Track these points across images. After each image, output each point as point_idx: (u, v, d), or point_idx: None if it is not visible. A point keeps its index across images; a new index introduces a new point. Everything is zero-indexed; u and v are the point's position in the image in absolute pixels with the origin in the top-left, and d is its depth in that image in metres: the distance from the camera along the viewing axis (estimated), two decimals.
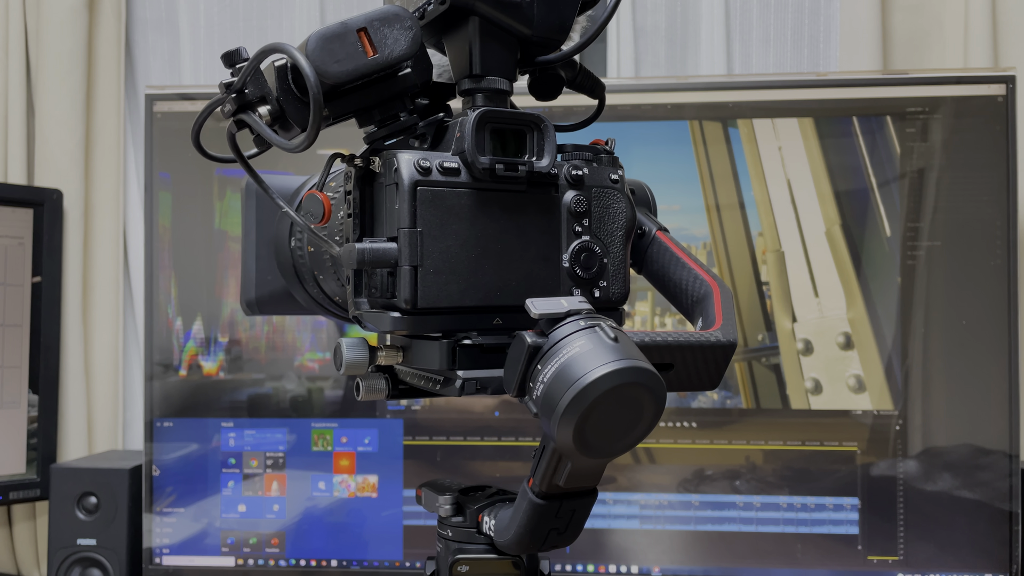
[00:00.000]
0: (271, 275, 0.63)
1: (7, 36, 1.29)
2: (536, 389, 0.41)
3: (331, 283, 0.56)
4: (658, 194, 0.64)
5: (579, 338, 0.41)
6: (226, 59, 0.47)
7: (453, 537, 0.53)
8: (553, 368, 0.41)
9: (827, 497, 1.05)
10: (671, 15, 1.32)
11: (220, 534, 1.11)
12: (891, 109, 1.04)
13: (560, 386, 0.40)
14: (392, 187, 0.46)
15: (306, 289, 0.61)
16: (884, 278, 1.05)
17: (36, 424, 1.22)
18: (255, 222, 0.64)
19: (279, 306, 0.65)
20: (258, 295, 0.64)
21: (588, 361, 0.40)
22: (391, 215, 0.47)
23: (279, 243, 0.62)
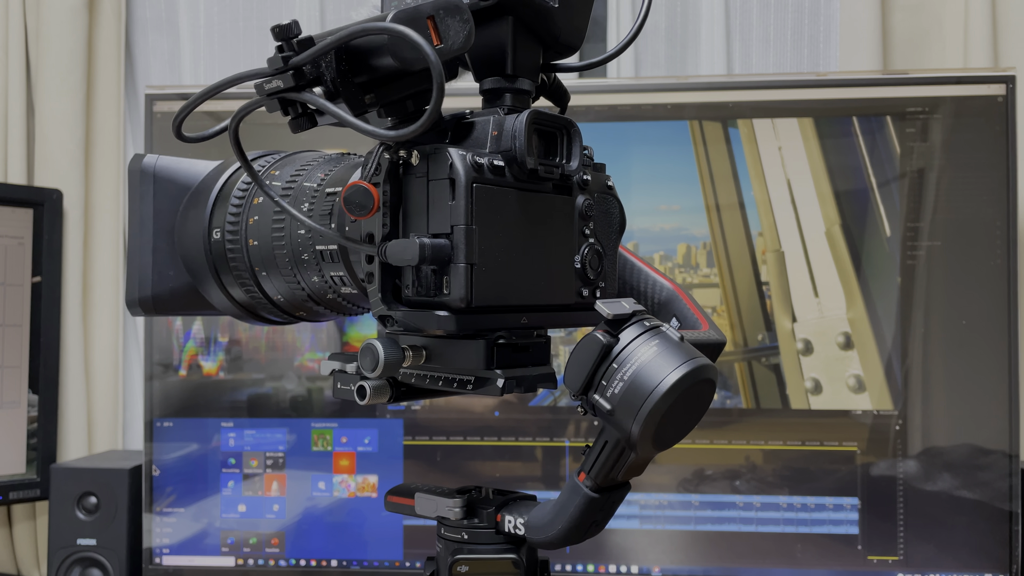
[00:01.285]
0: (173, 270, 0.59)
1: (7, 36, 1.29)
2: (611, 387, 0.45)
3: (278, 281, 0.55)
4: (658, 194, 0.64)
5: (652, 339, 0.46)
6: (281, 32, 0.43)
7: (469, 539, 0.52)
8: (633, 368, 0.45)
9: (827, 497, 1.05)
10: (671, 15, 1.32)
11: (220, 534, 1.11)
12: (891, 109, 1.04)
13: (644, 385, 0.44)
14: (443, 182, 0.45)
15: (225, 288, 0.58)
16: (884, 278, 1.05)
17: (36, 424, 1.23)
18: (152, 210, 0.59)
19: (180, 306, 0.60)
20: (156, 293, 0.59)
21: (668, 362, 0.45)
22: (439, 211, 0.46)
23: (186, 235, 0.58)
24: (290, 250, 0.53)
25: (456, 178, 0.45)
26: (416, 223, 0.47)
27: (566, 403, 1.08)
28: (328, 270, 0.52)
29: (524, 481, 1.08)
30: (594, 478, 0.48)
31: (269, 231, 0.54)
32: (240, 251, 0.56)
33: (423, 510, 0.54)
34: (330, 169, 0.54)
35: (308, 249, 0.53)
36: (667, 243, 1.07)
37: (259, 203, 0.56)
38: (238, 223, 0.56)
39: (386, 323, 0.48)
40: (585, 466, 0.48)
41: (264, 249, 0.55)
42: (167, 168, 0.61)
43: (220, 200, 0.57)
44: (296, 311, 0.57)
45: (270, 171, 0.58)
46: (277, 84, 0.44)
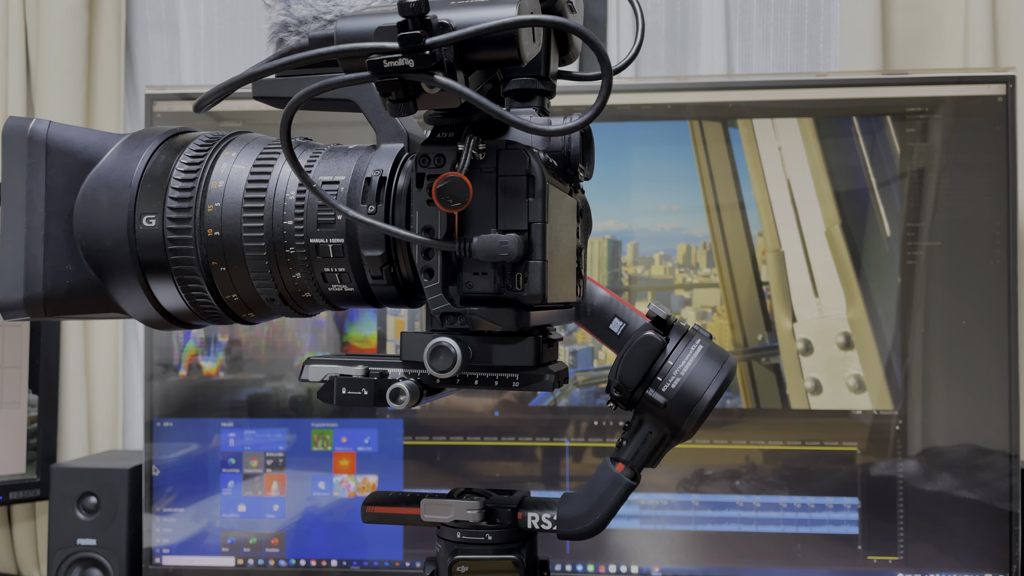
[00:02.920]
0: (71, 264, 0.50)
1: (7, 36, 1.29)
2: (668, 383, 0.50)
3: (242, 278, 0.50)
4: (658, 194, 0.65)
5: (695, 339, 0.52)
6: (413, 8, 0.40)
7: (470, 540, 0.52)
8: (688, 365, 0.51)
9: (827, 497, 1.05)
10: (671, 15, 1.32)
11: (220, 534, 1.11)
12: (891, 109, 1.04)
13: (700, 382, 0.50)
14: (519, 179, 0.46)
15: (149, 288, 0.51)
16: (884, 278, 1.05)
17: (36, 424, 1.23)
18: (44, 190, 0.50)
19: (78, 308, 0.51)
20: (49, 292, 0.49)
21: (716, 360, 0.52)
22: (514, 207, 0.46)
23: (94, 222, 0.50)
24: (270, 243, 0.50)
25: (535, 175, 0.46)
26: (482, 219, 0.46)
27: (566, 403, 1.08)
28: (321, 266, 0.50)
29: (524, 481, 1.08)
30: (635, 468, 0.52)
31: (239, 220, 0.50)
32: (189, 243, 0.50)
33: (434, 514, 0.52)
34: (315, 155, 0.52)
35: (295, 242, 0.50)
36: (667, 243, 1.07)
37: (219, 187, 0.50)
38: (187, 210, 0.50)
39: (445, 320, 0.47)
40: (623, 456, 0.52)
41: (230, 240, 0.50)
42: (63, 137, 0.51)
43: (151, 181, 0.50)
44: (244, 312, 0.53)
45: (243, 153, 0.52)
46: (405, 63, 0.40)
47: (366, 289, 0.50)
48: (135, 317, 0.52)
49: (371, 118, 0.52)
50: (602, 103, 0.41)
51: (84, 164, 0.51)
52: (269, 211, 0.50)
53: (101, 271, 0.50)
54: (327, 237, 0.49)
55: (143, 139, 0.52)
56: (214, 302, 0.51)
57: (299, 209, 0.50)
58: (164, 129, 0.52)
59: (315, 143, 0.53)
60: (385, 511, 0.53)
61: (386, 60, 0.40)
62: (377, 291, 0.50)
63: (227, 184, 0.50)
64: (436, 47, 0.40)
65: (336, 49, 0.41)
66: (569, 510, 0.52)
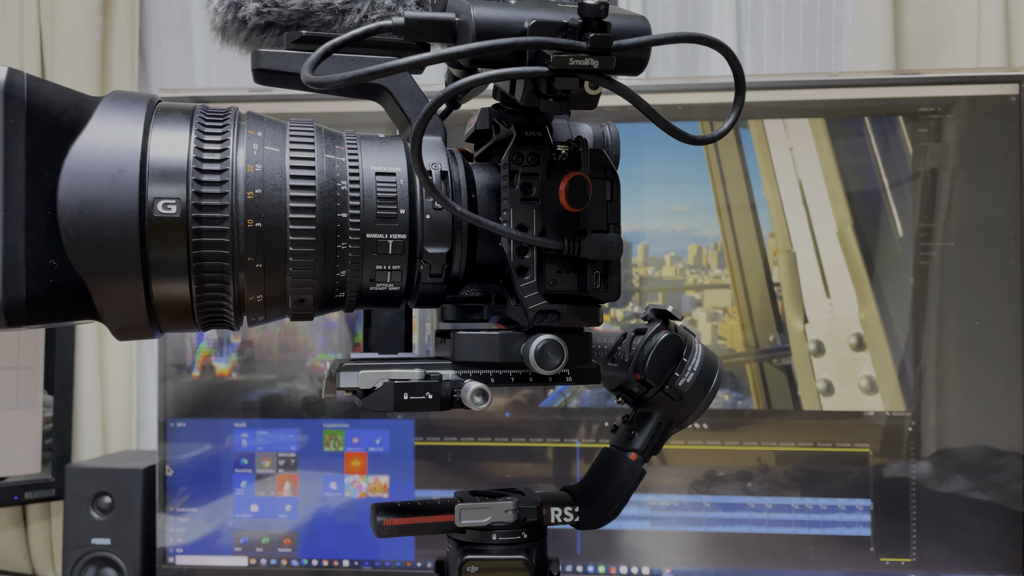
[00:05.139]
0: (55, 259, 0.40)
1: (22, 40, 1.30)
2: (684, 377, 0.54)
3: (277, 275, 0.44)
4: (669, 195, 0.67)
5: (689, 333, 0.56)
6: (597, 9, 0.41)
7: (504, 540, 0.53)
8: (697, 359, 0.55)
9: (839, 499, 1.04)
10: (681, 15, 1.32)
11: (233, 534, 1.12)
12: (903, 109, 1.04)
13: (709, 373, 0.55)
14: (602, 182, 0.48)
15: (150, 287, 0.42)
16: (896, 279, 1.04)
17: (51, 424, 1.24)
18: (24, 161, 0.38)
19: (59, 314, 0.42)
20: (32, 294, 0.39)
21: (711, 351, 0.56)
22: (596, 208, 0.48)
23: (89, 207, 0.40)
24: (320, 237, 0.45)
25: (614, 179, 0.48)
26: (570, 218, 0.48)
27: (577, 404, 1.08)
28: (374, 263, 0.46)
29: (536, 482, 1.09)
30: (647, 456, 0.56)
31: (284, 211, 0.44)
32: (224, 235, 0.43)
33: (471, 519, 0.51)
34: (352, 144, 0.48)
35: (349, 237, 0.45)
36: (678, 244, 1.07)
37: (257, 171, 0.44)
38: (223, 196, 0.43)
39: (543, 318, 0.48)
40: (636, 446, 0.56)
41: (272, 233, 0.44)
42: (44, 96, 0.40)
43: (163, 159, 0.42)
44: (255, 315, 0.47)
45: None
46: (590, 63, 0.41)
47: (410, 288, 0.49)
48: (111, 323, 0.43)
49: (404, 108, 0.50)
50: (736, 117, 0.45)
51: (65, 131, 0.41)
52: (321, 201, 0.45)
53: (89, 266, 0.41)
54: (387, 232, 0.46)
55: (126, 105, 0.43)
56: (230, 304, 0.45)
57: (355, 201, 0.46)
58: (143, 95, 0.45)
59: (334, 130, 0.50)
60: (403, 523, 0.52)
61: (572, 58, 0.41)
62: (425, 290, 0.49)
63: (265, 168, 0.44)
64: (621, 50, 0.41)
65: (522, 41, 0.41)
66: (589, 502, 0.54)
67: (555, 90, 0.42)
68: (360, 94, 0.52)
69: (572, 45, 0.41)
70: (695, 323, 1.08)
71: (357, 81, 0.41)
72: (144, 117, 0.43)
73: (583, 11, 0.41)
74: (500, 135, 0.51)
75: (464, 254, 0.49)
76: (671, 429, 0.57)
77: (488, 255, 0.49)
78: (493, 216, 0.49)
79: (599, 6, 0.41)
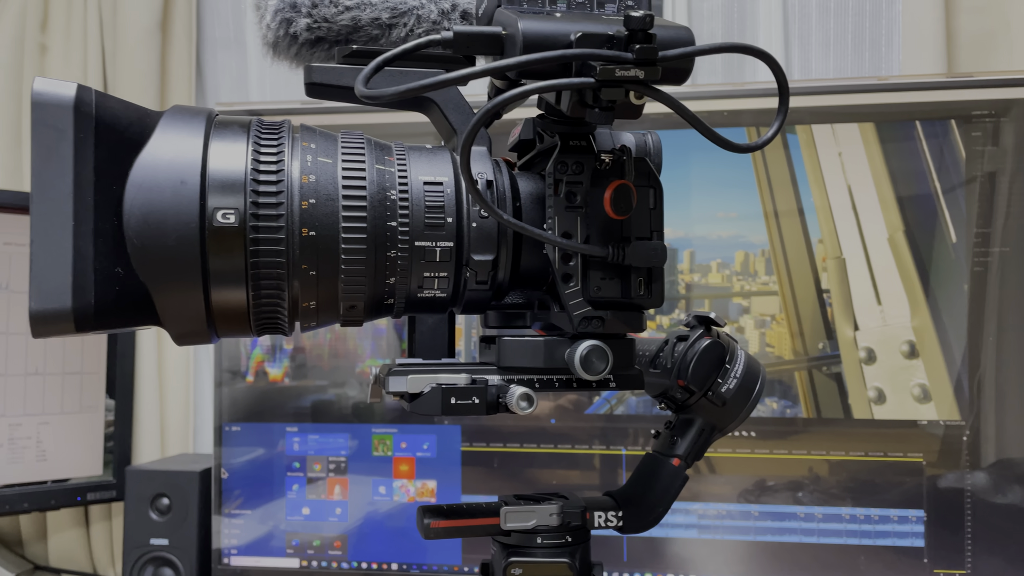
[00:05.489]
0: (120, 267, 0.42)
1: (85, 57, 1.36)
2: (727, 383, 0.55)
3: (328, 282, 0.45)
4: (715, 201, 0.67)
5: (731, 339, 0.56)
6: (642, 22, 0.42)
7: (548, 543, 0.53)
8: (739, 365, 0.55)
9: (891, 509, 1.02)
10: (727, 21, 1.31)
11: (285, 536, 1.14)
12: (956, 113, 1.02)
13: (751, 379, 0.55)
14: (646, 190, 0.49)
15: (209, 295, 0.44)
16: (950, 285, 1.02)
17: (112, 428, 1.28)
18: (93, 173, 0.40)
19: (125, 320, 0.43)
20: (100, 300, 0.40)
21: (753, 360, 0.56)
22: (640, 216, 0.49)
23: (156, 218, 0.42)
24: (371, 245, 0.46)
25: (657, 187, 0.49)
26: (613, 225, 0.49)
27: (623, 411, 1.08)
28: (422, 271, 0.48)
29: (581, 489, 1.09)
30: (690, 462, 0.56)
31: (337, 220, 0.45)
32: (280, 244, 0.44)
33: (516, 523, 0.52)
34: (401, 154, 0.50)
35: (399, 245, 0.47)
36: (725, 251, 1.07)
37: (311, 182, 0.46)
38: (279, 206, 0.44)
39: (588, 324, 0.48)
40: (679, 452, 0.56)
41: (326, 242, 0.45)
42: (110, 111, 0.42)
43: (221, 170, 0.44)
44: (310, 321, 0.48)
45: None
46: (636, 73, 0.42)
47: (456, 295, 0.50)
48: (172, 328, 0.44)
49: (451, 119, 0.52)
50: (779, 125, 0.45)
51: (130, 144, 0.43)
52: (372, 211, 0.46)
53: (152, 273, 0.42)
54: (435, 240, 0.47)
55: (186, 119, 0.45)
56: (285, 310, 0.46)
57: (403, 210, 0.47)
58: (202, 109, 0.47)
59: (383, 141, 0.51)
60: (449, 525, 0.52)
61: (618, 69, 0.41)
62: (471, 296, 0.50)
63: (318, 179, 0.46)
64: (666, 61, 0.42)
65: (569, 53, 0.42)
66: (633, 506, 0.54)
67: (601, 100, 0.43)
68: (409, 106, 0.53)
69: (618, 56, 0.42)
70: (742, 330, 1.07)
71: (409, 94, 0.42)
72: (203, 130, 0.45)
73: (629, 23, 0.42)
74: (544, 144, 0.51)
75: (509, 261, 0.50)
76: (714, 435, 0.57)
77: (532, 262, 0.50)
78: (537, 224, 0.49)
79: (644, 18, 0.42)
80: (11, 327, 1.18)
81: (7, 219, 1.17)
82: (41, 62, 1.36)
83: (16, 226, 1.18)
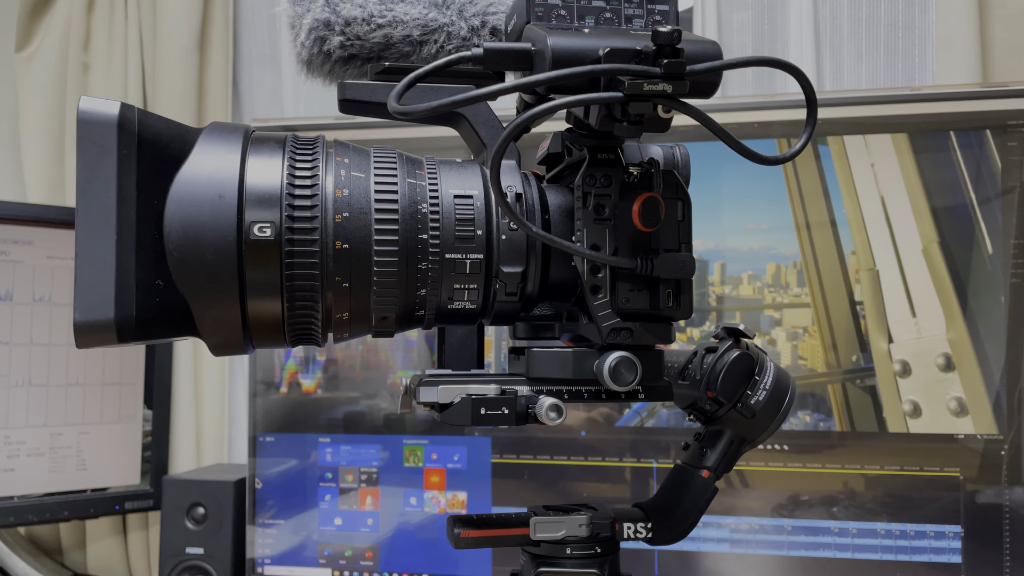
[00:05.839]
0: (161, 279, 0.43)
1: (126, 75, 1.39)
2: (756, 395, 0.54)
3: (361, 294, 0.46)
4: (746, 213, 0.67)
5: (759, 351, 0.56)
6: (671, 37, 0.42)
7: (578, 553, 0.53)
8: (769, 377, 0.55)
9: (927, 524, 1.01)
10: (758, 33, 1.31)
11: (318, 546, 1.15)
12: (991, 123, 1.01)
13: (781, 391, 0.55)
14: (674, 202, 0.50)
15: (245, 306, 0.45)
16: (987, 297, 1.01)
17: (150, 437, 1.30)
18: (135, 188, 0.42)
19: (165, 331, 0.44)
20: (140, 312, 0.42)
21: (783, 372, 0.56)
22: (668, 228, 0.49)
23: (192, 229, 0.43)
24: (403, 257, 0.47)
25: (685, 199, 0.50)
26: (641, 238, 0.49)
27: (653, 423, 1.08)
28: (452, 283, 0.48)
29: (612, 502, 1.08)
30: (719, 474, 0.56)
31: (370, 233, 0.46)
32: (314, 256, 0.45)
33: (545, 532, 0.52)
34: (432, 168, 0.50)
35: (429, 258, 0.48)
36: (756, 263, 1.06)
37: (345, 196, 0.46)
38: (313, 219, 0.45)
39: (616, 336, 0.49)
40: (709, 464, 0.55)
41: (359, 254, 0.46)
42: (153, 128, 0.44)
43: (258, 185, 0.45)
44: (343, 332, 0.49)
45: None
46: (664, 87, 0.42)
47: (486, 307, 0.50)
48: (209, 339, 0.45)
49: (481, 133, 0.53)
50: (807, 138, 0.45)
51: (170, 160, 0.44)
52: (403, 224, 0.47)
53: (191, 285, 0.43)
54: (465, 253, 0.48)
55: (224, 135, 0.46)
56: (318, 321, 0.47)
57: (434, 223, 0.48)
58: (239, 125, 0.48)
59: (414, 156, 0.52)
60: (479, 535, 0.53)
61: (647, 84, 0.42)
62: (501, 308, 0.50)
63: (351, 193, 0.47)
64: (694, 76, 0.43)
65: (598, 68, 0.42)
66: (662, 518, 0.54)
67: (629, 114, 0.43)
68: (440, 121, 0.54)
69: (647, 71, 0.42)
70: (774, 342, 1.06)
71: (441, 110, 0.43)
72: (241, 146, 0.46)
73: (657, 38, 0.42)
74: (573, 158, 0.52)
75: (538, 273, 0.50)
76: (743, 447, 0.56)
77: (561, 274, 0.51)
78: (566, 236, 0.50)
79: (672, 33, 0.42)
80: (53, 339, 1.21)
81: (50, 233, 1.20)
82: (84, 80, 1.40)
83: (59, 240, 1.21)
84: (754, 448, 0.57)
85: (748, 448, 0.57)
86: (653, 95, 0.42)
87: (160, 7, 1.36)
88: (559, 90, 0.46)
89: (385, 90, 0.51)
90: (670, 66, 0.42)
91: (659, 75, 0.42)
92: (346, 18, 0.54)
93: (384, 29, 0.54)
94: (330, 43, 0.54)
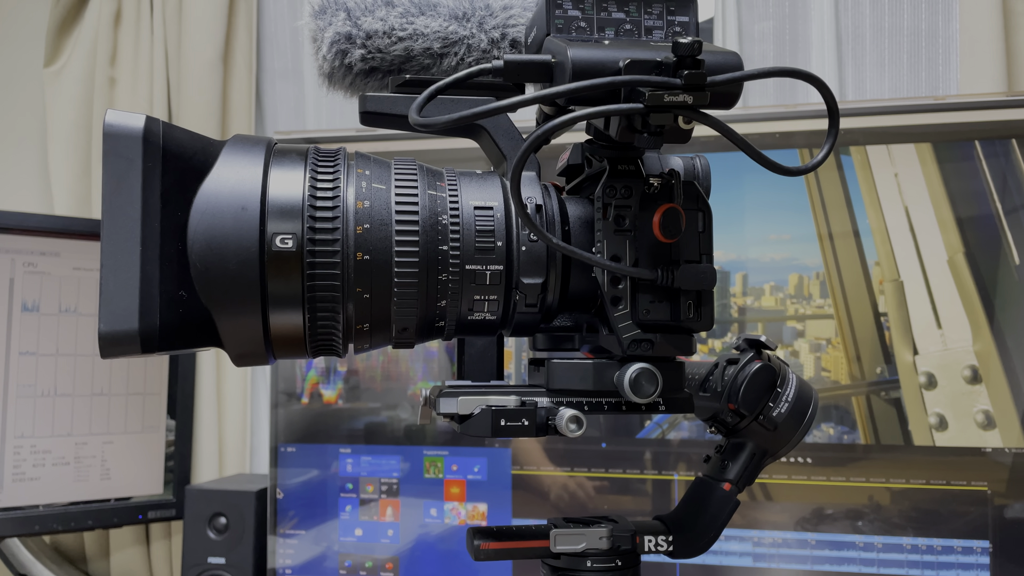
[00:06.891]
0: (184, 290, 0.44)
1: (152, 89, 1.41)
2: (778, 408, 0.54)
3: (382, 304, 0.46)
4: (768, 223, 0.66)
5: (782, 363, 0.55)
6: (691, 48, 0.42)
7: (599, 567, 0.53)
8: (791, 390, 0.54)
9: (955, 539, 0.99)
10: (779, 43, 1.31)
11: (338, 557, 1.15)
12: (1017, 132, 1.00)
13: (804, 403, 0.54)
14: (695, 213, 0.49)
15: (267, 317, 0.45)
16: (1015, 308, 0.99)
17: (173, 447, 1.31)
18: (160, 200, 0.42)
19: (187, 342, 0.45)
20: (164, 323, 0.42)
21: (805, 384, 0.55)
22: (689, 238, 0.49)
23: (215, 241, 0.44)
24: (423, 268, 0.47)
25: (706, 210, 0.49)
26: (662, 248, 0.49)
27: (675, 435, 1.07)
28: (472, 293, 0.48)
29: (633, 514, 1.08)
30: (741, 487, 0.55)
31: (390, 244, 0.46)
32: (336, 267, 0.45)
33: (565, 545, 0.52)
34: (452, 179, 0.51)
35: (449, 269, 0.48)
36: (778, 273, 1.06)
37: (366, 207, 0.47)
38: (334, 231, 0.46)
39: (637, 347, 0.48)
40: (731, 477, 0.55)
41: (379, 265, 0.46)
42: (177, 141, 0.45)
43: (280, 197, 0.45)
44: (363, 343, 0.49)
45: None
46: (684, 99, 0.42)
47: (506, 318, 0.50)
48: (231, 350, 0.46)
49: (501, 145, 0.53)
50: (829, 148, 0.44)
51: (194, 172, 0.45)
52: (423, 235, 0.47)
53: (214, 296, 0.44)
54: (485, 264, 0.48)
55: (247, 148, 0.47)
56: (339, 332, 0.47)
57: (455, 234, 0.48)
58: (262, 138, 0.49)
59: (435, 167, 0.52)
60: (499, 547, 0.52)
61: (667, 95, 0.42)
62: (520, 319, 0.50)
63: (372, 205, 0.47)
64: (715, 87, 0.42)
65: (619, 80, 0.42)
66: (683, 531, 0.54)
67: (650, 126, 0.43)
68: (460, 133, 0.54)
69: (667, 82, 0.42)
70: (797, 354, 1.05)
71: (462, 122, 0.43)
72: (263, 159, 0.47)
73: (677, 49, 0.42)
74: (593, 169, 0.52)
75: (558, 284, 0.50)
76: (765, 460, 0.56)
77: (581, 285, 0.51)
78: (586, 247, 0.50)
79: (693, 44, 0.42)
80: (79, 349, 1.22)
81: (76, 245, 1.22)
82: (110, 94, 1.42)
83: (84, 252, 1.22)
84: (776, 461, 0.56)
85: (770, 461, 0.56)
86: (673, 106, 0.42)
87: (185, 22, 1.38)
88: (579, 102, 0.46)
89: (406, 102, 0.52)
90: (690, 77, 0.42)
91: (679, 86, 0.42)
92: (367, 31, 0.54)
93: (405, 42, 0.55)
94: (351, 56, 0.55)
